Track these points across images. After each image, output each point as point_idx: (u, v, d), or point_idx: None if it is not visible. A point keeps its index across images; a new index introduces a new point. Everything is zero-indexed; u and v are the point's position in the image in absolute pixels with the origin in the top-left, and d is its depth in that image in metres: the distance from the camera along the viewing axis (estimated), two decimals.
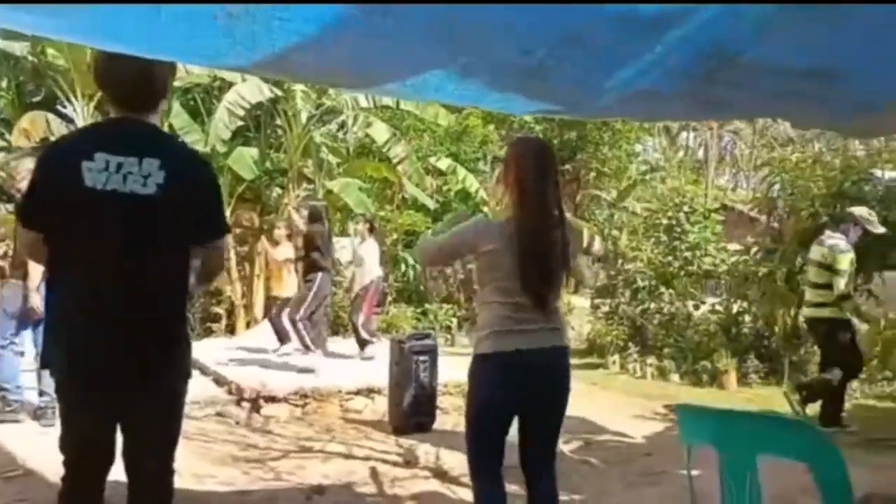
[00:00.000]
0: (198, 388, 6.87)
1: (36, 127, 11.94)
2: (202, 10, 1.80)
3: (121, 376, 2.22)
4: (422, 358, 5.76)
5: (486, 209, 13.75)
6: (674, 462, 2.26)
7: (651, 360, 9.20)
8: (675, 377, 8.86)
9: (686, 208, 10.53)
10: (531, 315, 2.61)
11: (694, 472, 2.31)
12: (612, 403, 7.13)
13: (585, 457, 5.17)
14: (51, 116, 11.47)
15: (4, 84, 14.25)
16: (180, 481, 4.12)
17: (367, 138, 13.38)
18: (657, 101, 2.53)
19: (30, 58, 12.10)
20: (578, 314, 11.51)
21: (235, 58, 2.21)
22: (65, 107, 11.89)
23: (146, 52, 2.14)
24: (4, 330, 4.87)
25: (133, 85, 2.24)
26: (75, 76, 11.27)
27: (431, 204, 13.46)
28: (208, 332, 12.07)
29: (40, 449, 4.08)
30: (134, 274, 2.19)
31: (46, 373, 2.90)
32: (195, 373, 7.59)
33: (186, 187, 2.24)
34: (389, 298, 13.28)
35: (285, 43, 1.97)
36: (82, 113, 11.87)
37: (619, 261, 11.69)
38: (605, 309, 10.56)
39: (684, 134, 28.44)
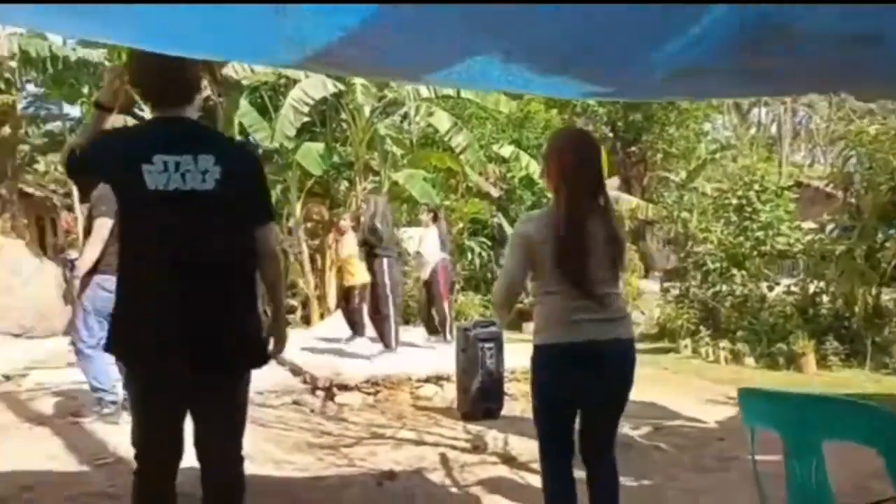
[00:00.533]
0: (275, 377, 7.12)
1: None
2: (253, 10, 1.89)
3: (184, 369, 2.29)
4: (487, 345, 5.82)
5: (550, 195, 13.66)
6: (747, 447, 2.24)
7: (724, 343, 9.02)
8: (750, 360, 8.65)
9: (757, 187, 10.22)
10: (584, 304, 2.59)
11: (767, 457, 2.28)
12: (684, 388, 7.03)
13: (656, 442, 5.14)
14: (129, 119, 11.96)
15: (85, 90, 14.97)
16: (258, 468, 4.36)
17: (430, 128, 13.49)
18: (707, 77, 2.50)
19: (107, 64, 12.66)
20: (648, 298, 11.36)
21: (289, 54, 2.31)
22: (142, 110, 12.40)
23: (205, 54, 2.26)
24: (94, 329, 4.73)
25: (167, 80, 2.30)
26: None
27: (495, 192, 13.47)
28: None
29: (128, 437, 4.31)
30: (200, 267, 2.28)
31: None
32: (272, 363, 7.99)
33: (241, 179, 2.34)
34: (457, 287, 13.39)
35: (330, 38, 2.05)
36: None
37: (689, 243, 11.47)
38: (676, 292, 10.40)
39: (756, 110, 27.45)
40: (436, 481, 4.31)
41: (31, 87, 16.25)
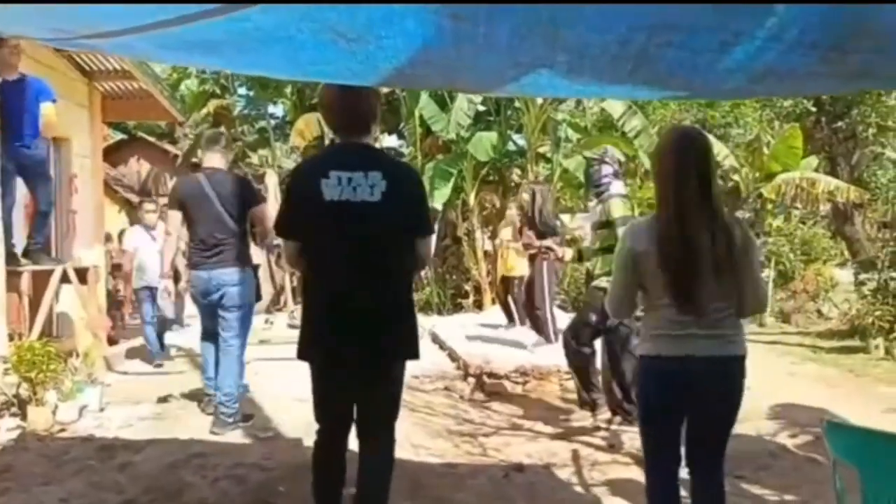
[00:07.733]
0: (433, 361, 7.48)
1: (310, 127, 13.66)
2: (327, 39, 2.06)
3: (357, 362, 2.74)
4: (634, 342, 5.67)
5: (736, 177, 12.78)
6: None
7: None
8: None
9: None
10: (688, 319, 2.49)
11: None
12: (865, 395, 6.37)
13: (813, 454, 4.74)
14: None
15: (288, 90, 16.47)
16: (400, 451, 4.64)
17: (605, 113, 13.19)
18: (792, 79, 2.31)
19: None
20: (841, 290, 10.26)
21: (370, 75, 2.49)
22: None
23: (297, 77, 2.54)
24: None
25: (347, 116, 2.81)
26: None
27: None
28: (458, 308, 12.91)
29: (294, 415, 4.77)
30: (367, 269, 2.69)
31: None
32: (434, 347, 8.35)
33: (404, 193, 2.72)
34: None
35: (397, 58, 2.19)
36: None
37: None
38: (873, 285, 9.21)
39: None
40: (562, 477, 4.33)
41: (241, 91, 18.14)
